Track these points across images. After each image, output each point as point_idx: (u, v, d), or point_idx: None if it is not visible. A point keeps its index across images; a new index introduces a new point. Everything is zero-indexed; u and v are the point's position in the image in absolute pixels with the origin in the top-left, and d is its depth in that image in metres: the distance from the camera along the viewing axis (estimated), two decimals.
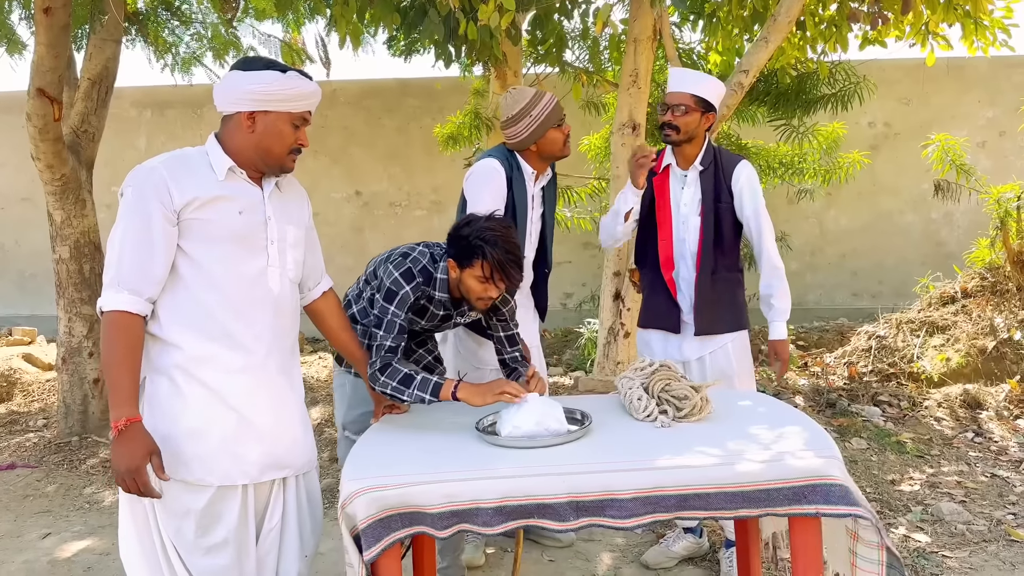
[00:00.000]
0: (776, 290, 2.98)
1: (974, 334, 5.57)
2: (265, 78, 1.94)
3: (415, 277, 2.32)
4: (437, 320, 2.49)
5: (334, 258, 2.41)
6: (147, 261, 1.89)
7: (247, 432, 1.99)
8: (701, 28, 5.77)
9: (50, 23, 4.31)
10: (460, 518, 1.81)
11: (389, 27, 4.68)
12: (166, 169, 1.92)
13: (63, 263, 5.03)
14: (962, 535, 3.40)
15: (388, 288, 2.31)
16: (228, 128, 2.01)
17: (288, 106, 1.98)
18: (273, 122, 1.98)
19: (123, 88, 7.34)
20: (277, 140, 1.99)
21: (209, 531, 1.97)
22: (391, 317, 2.29)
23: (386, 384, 2.24)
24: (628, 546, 3.41)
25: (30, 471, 4.61)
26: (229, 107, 1.99)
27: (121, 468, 1.81)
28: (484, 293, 2.31)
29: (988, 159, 8.18)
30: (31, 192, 8.55)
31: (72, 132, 5.05)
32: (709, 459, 1.90)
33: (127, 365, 1.86)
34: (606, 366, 5.32)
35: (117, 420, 1.82)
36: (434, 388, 2.20)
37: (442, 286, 2.38)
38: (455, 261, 2.32)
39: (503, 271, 2.27)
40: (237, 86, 1.95)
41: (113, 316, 1.86)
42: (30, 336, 7.27)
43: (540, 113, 2.90)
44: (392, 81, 8.86)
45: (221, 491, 1.97)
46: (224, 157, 1.99)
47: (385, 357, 2.28)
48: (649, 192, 3.10)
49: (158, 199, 1.89)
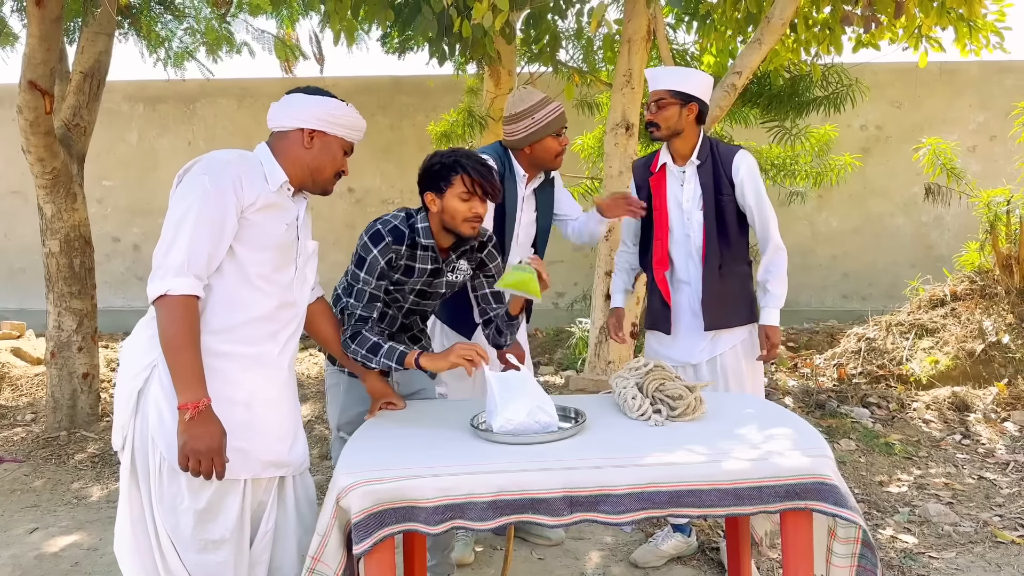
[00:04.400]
0: (774, 275, 2.99)
1: (963, 337, 5.60)
2: (332, 104, 2.11)
3: (383, 238, 2.35)
4: (426, 275, 2.46)
5: (327, 254, 2.43)
6: (213, 249, 1.94)
7: (253, 428, 2.02)
8: (695, 29, 5.80)
9: (42, 15, 4.29)
10: (454, 512, 1.81)
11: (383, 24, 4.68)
12: (238, 166, 2.00)
13: (53, 257, 5.00)
14: (949, 536, 3.42)
15: (358, 255, 2.37)
16: (283, 143, 2.11)
17: (344, 132, 2.15)
18: (329, 143, 2.13)
19: (115, 82, 7.29)
20: (329, 161, 2.15)
21: (208, 526, 1.98)
22: (362, 285, 2.35)
23: (356, 352, 2.31)
24: (617, 545, 3.42)
25: (18, 466, 4.58)
26: (291, 123, 2.11)
27: (201, 448, 1.85)
28: (470, 211, 2.34)
29: (979, 163, 8.23)
30: (21, 185, 8.50)
31: (63, 125, 5.02)
32: (703, 456, 1.91)
33: (194, 347, 1.90)
34: (597, 365, 5.33)
35: (195, 401, 1.85)
36: (399, 357, 2.27)
37: (426, 233, 2.39)
38: (433, 192, 2.36)
39: (483, 179, 2.32)
40: (303, 107, 2.10)
41: (182, 300, 1.89)
42: (19, 330, 7.21)
43: (542, 118, 2.92)
44: (386, 78, 8.85)
45: (223, 485, 1.98)
46: (279, 171, 2.09)
47: (355, 326, 2.34)
48: (647, 192, 3.10)
49: (234, 192, 1.96)
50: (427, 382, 2.74)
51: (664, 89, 2.96)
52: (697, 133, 3.02)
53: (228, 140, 8.61)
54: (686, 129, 2.98)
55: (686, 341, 3.07)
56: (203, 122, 8.89)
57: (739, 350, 3.04)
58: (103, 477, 4.38)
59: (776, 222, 3.01)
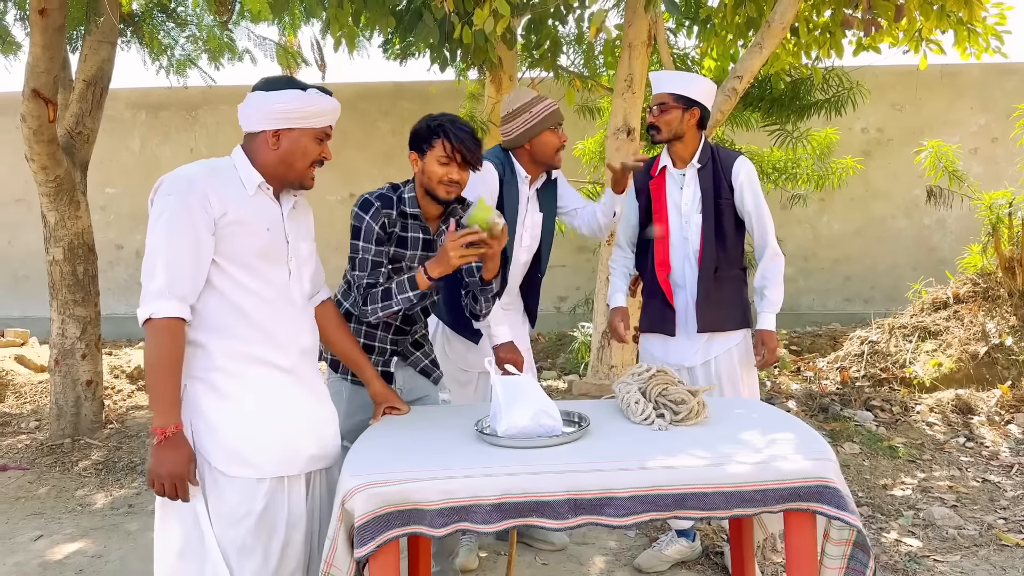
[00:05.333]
0: (771, 281, 3.01)
1: (966, 339, 5.60)
2: (286, 97, 2.01)
3: (372, 204, 2.39)
4: (420, 247, 2.50)
5: (329, 260, 2.44)
6: (192, 269, 1.93)
7: (293, 426, 2.06)
8: (696, 33, 5.81)
9: (45, 24, 4.31)
10: (458, 515, 1.81)
11: (384, 30, 4.69)
12: (205, 179, 1.97)
13: (56, 264, 5.01)
14: (953, 540, 3.42)
15: (352, 226, 2.40)
16: (254, 145, 2.08)
17: (310, 122, 2.05)
18: (297, 138, 2.05)
19: (118, 89, 7.33)
20: (301, 155, 2.07)
21: (265, 529, 1.99)
22: (362, 254, 2.38)
23: (374, 311, 2.36)
24: (621, 550, 3.42)
25: (22, 473, 4.59)
26: (254, 126, 2.06)
27: (164, 473, 1.87)
28: (447, 176, 2.37)
29: (980, 165, 8.24)
30: (25, 193, 8.53)
31: (66, 133, 5.04)
32: (706, 460, 1.91)
33: (174, 372, 1.91)
34: (600, 370, 5.33)
35: (165, 427, 1.88)
36: (411, 283, 2.32)
37: (412, 202, 2.45)
38: (416, 152, 2.41)
39: (463, 145, 2.35)
40: (260, 106, 2.03)
41: (165, 323, 1.89)
42: (22, 338, 7.23)
43: (539, 112, 2.93)
44: (387, 84, 8.88)
45: (275, 483, 2.01)
46: (254, 172, 2.05)
47: (365, 292, 2.38)
48: (646, 196, 3.12)
49: (202, 208, 1.93)
50: (431, 388, 2.74)
51: (667, 93, 2.98)
52: (698, 137, 3.04)
53: (230, 147, 8.42)
54: (687, 133, 3.00)
55: (680, 344, 3.08)
56: (205, 129, 8.92)
57: (734, 354, 3.05)
58: (107, 484, 4.39)
59: (773, 228, 3.03)
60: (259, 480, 1.98)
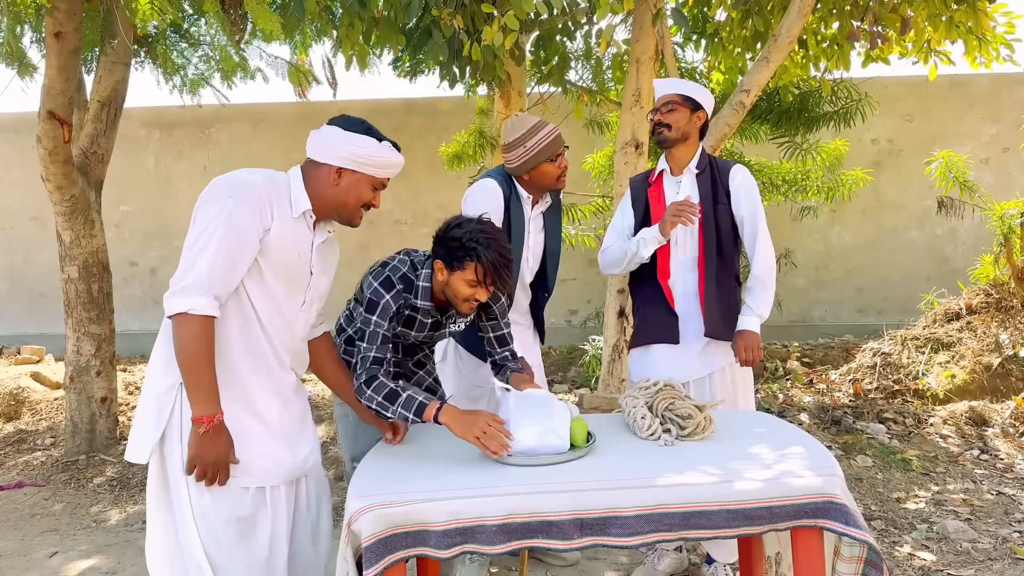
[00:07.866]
0: (761, 285, 2.93)
1: (979, 351, 5.56)
2: (362, 142, 2.10)
3: (395, 285, 2.32)
4: (427, 329, 2.48)
5: (340, 276, 2.43)
6: (233, 271, 1.98)
7: (277, 441, 2.13)
8: (703, 48, 5.83)
9: (61, 47, 4.38)
10: (464, 536, 1.82)
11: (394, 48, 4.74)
12: (265, 188, 2.02)
13: (72, 282, 5.07)
14: (967, 553, 3.39)
15: (369, 299, 2.32)
16: (313, 174, 2.12)
17: (375, 171, 2.13)
18: (357, 182, 2.12)
19: (132, 109, 7.40)
20: (355, 198, 2.13)
21: (248, 536, 2.07)
22: (374, 328, 2.29)
23: (371, 399, 2.24)
24: (632, 564, 3.41)
25: (37, 490, 4.63)
26: (321, 157, 2.11)
27: (210, 460, 1.95)
28: (472, 296, 2.29)
29: (991, 175, 8.20)
30: (40, 211, 8.62)
31: (81, 153, 5.11)
32: (712, 477, 1.91)
33: (212, 364, 1.97)
34: (610, 383, 5.33)
35: (209, 415, 1.94)
36: (418, 408, 2.19)
37: (424, 294, 2.36)
38: (444, 263, 2.28)
39: (496, 274, 2.25)
40: (335, 142, 2.09)
41: (201, 319, 1.94)
42: (38, 355, 7.30)
43: (535, 145, 2.90)
44: (397, 101, 8.93)
45: (258, 493, 2.08)
46: (304, 198, 2.10)
47: (371, 369, 2.28)
48: (643, 205, 3.12)
49: (258, 216, 1.99)
50: None
51: (675, 93, 3.01)
52: (698, 144, 3.07)
53: (243, 164, 8.59)
54: (691, 136, 3.03)
55: (676, 358, 3.02)
56: (218, 147, 9.00)
57: (728, 371, 3.01)
58: (121, 500, 4.42)
59: (768, 237, 2.98)
60: (243, 489, 2.05)
